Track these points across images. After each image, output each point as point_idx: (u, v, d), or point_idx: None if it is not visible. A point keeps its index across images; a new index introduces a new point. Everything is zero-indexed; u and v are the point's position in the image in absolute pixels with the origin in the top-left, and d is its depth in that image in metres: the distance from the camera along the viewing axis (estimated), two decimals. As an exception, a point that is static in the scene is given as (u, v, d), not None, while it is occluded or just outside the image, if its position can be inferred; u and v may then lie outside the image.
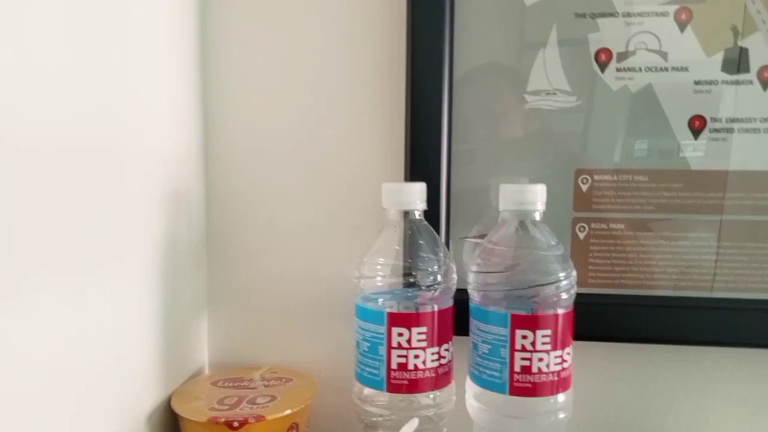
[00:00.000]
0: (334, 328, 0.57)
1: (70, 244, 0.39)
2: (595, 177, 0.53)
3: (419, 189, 0.49)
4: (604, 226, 0.54)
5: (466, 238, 0.55)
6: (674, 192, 0.52)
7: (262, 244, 0.59)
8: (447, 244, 0.55)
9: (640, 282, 0.54)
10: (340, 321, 0.56)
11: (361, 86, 0.56)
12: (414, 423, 0.43)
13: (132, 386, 0.47)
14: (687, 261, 0.53)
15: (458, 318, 0.49)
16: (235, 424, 0.46)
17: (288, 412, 0.48)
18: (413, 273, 0.48)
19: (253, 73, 0.58)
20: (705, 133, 0.52)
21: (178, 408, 0.49)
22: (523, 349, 0.45)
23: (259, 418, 0.47)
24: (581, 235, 0.54)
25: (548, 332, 0.45)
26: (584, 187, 0.54)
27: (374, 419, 0.49)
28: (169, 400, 0.51)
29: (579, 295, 0.53)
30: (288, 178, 0.58)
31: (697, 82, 0.51)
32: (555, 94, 0.53)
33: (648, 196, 0.53)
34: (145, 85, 0.48)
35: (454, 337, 0.49)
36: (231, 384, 0.54)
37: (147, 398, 0.49)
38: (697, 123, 0.52)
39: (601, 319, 0.54)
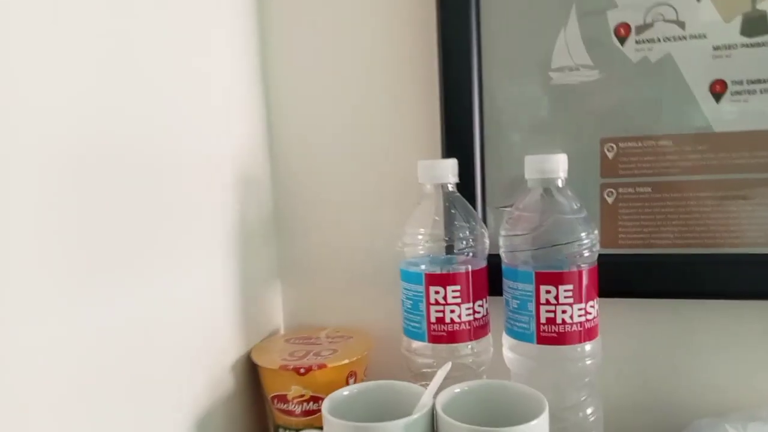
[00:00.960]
0: (386, 291, 0.64)
1: (165, 230, 0.48)
2: (620, 144, 0.57)
3: (451, 164, 0.55)
4: (631, 190, 0.57)
5: (500, 207, 0.60)
6: (699, 154, 0.55)
7: (321, 220, 0.67)
8: (483, 213, 0.61)
9: (669, 241, 0.57)
10: (391, 285, 0.63)
11: (399, 78, 0.63)
12: (447, 366, 0.49)
13: (219, 343, 0.57)
14: (714, 219, 0.55)
15: (495, 280, 0.55)
16: (302, 370, 0.55)
17: (346, 361, 0.56)
18: (448, 239, 0.54)
19: (307, 68, 0.65)
20: (726, 96, 0.54)
21: (256, 359, 0.58)
22: (548, 303, 0.50)
23: (321, 366, 0.55)
24: (610, 200, 0.58)
25: (570, 287, 0.50)
26: (610, 155, 0.57)
27: (422, 370, 0.56)
28: (249, 354, 0.60)
29: (610, 256, 0.57)
30: (341, 162, 0.66)
31: (716, 48, 0.53)
32: (578, 69, 0.57)
33: (673, 159, 0.56)
34: (214, 89, 0.57)
35: (494, 297, 0.55)
36: (301, 341, 0.63)
37: (231, 352, 0.59)
38: (717, 87, 0.54)
39: (632, 277, 0.58)
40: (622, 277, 0.58)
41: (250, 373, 0.60)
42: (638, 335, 0.60)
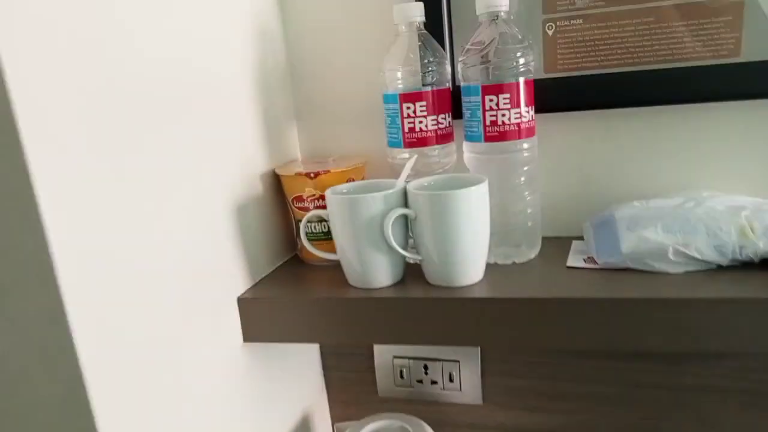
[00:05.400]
0: (381, 121, 0.80)
1: (200, 82, 0.65)
2: (557, -16, 0.70)
3: (418, 6, 0.69)
4: (567, 23, 0.71)
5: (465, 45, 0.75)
6: (619, -10, 0.68)
7: (327, 68, 0.82)
8: (451, 47, 0.75)
9: (597, 63, 0.71)
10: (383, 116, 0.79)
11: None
12: (413, 158, 0.67)
13: (249, 159, 0.74)
14: (632, 42, 0.69)
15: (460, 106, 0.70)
16: (311, 174, 0.73)
17: (345, 168, 0.74)
18: (418, 69, 0.70)
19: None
20: (640, -63, 0.66)
21: (278, 170, 0.77)
22: (491, 109, 0.66)
23: (326, 171, 0.73)
24: (550, 32, 0.72)
25: (507, 96, 0.65)
26: (550, -6, 0.71)
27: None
28: (273, 170, 0.79)
29: (552, 78, 0.72)
30: (340, 17, 0.80)
31: None
32: None
33: (598, -6, 0.69)
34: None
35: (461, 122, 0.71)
36: (313, 162, 0.80)
37: (259, 166, 0.76)
38: (633, -70, 0.66)
39: (569, 94, 0.73)
40: (561, 95, 0.73)
41: (275, 183, 0.79)
42: (575, 142, 0.75)
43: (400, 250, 0.64)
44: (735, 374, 0.77)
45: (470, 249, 0.64)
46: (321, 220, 0.73)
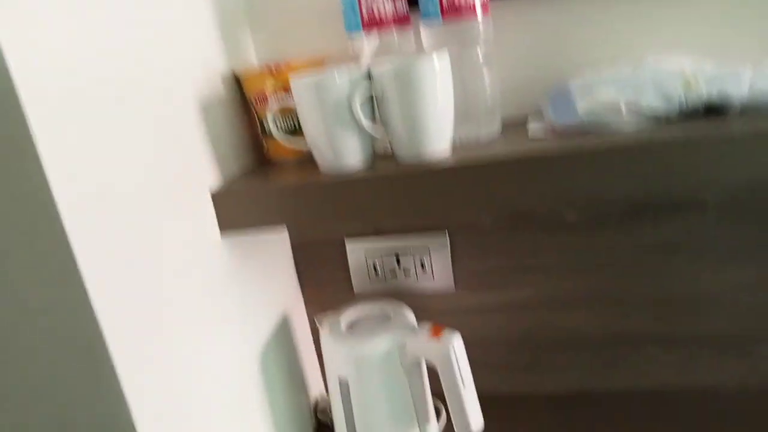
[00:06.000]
0: (335, 24, 0.81)
1: None
2: None
3: None
4: None
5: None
6: None
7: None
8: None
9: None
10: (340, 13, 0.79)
11: None
12: (374, 41, 0.68)
13: (207, 63, 0.74)
14: None
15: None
16: (273, 69, 0.73)
17: (305, 60, 0.75)
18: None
19: None
20: None
21: (238, 73, 0.76)
22: (447, -13, 0.68)
23: (287, 65, 0.73)
24: None
25: (462, -29, 0.67)
26: None
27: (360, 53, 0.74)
28: (233, 73, 0.78)
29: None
30: None
31: None
32: None
33: None
34: None
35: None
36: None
37: (218, 67, 0.76)
38: None
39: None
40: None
41: (236, 87, 0.79)
42: (526, 23, 0.78)
43: (370, 124, 0.66)
44: (692, 230, 0.83)
45: (437, 118, 0.66)
46: (287, 111, 0.74)
